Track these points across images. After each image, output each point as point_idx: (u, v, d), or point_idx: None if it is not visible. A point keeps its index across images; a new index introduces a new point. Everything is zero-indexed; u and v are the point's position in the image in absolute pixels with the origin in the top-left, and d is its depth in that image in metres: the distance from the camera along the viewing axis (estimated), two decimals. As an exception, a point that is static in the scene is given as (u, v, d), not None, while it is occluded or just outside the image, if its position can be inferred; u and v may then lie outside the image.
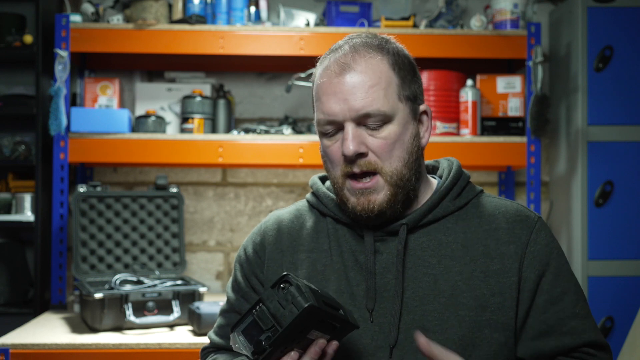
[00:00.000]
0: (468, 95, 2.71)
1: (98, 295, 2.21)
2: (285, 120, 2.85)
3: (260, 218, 3.00)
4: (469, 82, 2.72)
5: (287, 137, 2.68)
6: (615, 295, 2.70)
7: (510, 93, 2.76)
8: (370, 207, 1.20)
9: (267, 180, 3.02)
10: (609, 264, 2.71)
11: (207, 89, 2.84)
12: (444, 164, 1.34)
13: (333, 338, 1.10)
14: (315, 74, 1.26)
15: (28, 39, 2.75)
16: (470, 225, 1.25)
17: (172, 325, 2.31)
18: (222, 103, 2.78)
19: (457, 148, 2.66)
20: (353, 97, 1.18)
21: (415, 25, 2.76)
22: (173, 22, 2.71)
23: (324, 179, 1.37)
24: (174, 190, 2.68)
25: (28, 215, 2.70)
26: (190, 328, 2.30)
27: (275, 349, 1.04)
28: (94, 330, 2.24)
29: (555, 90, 2.97)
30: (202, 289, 2.36)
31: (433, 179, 1.32)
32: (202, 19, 2.69)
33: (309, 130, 2.80)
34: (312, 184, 1.36)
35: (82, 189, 2.56)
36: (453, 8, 2.82)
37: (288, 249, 1.30)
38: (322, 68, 1.24)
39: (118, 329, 2.25)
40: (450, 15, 2.81)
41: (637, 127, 2.75)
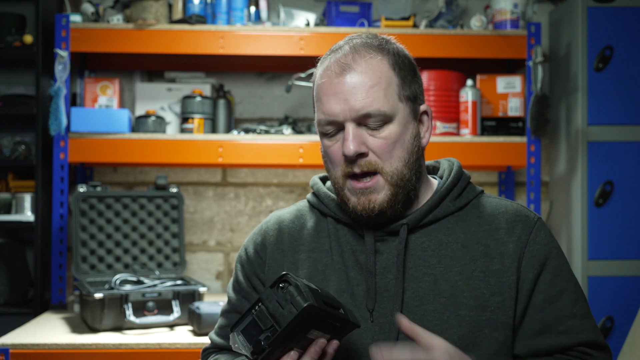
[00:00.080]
0: (468, 95, 2.71)
1: (98, 295, 2.21)
2: (285, 120, 2.85)
3: (260, 218, 3.00)
4: (469, 82, 2.72)
5: (287, 137, 2.68)
6: (615, 295, 2.70)
7: (510, 93, 2.76)
8: (371, 206, 1.20)
9: (267, 180, 3.02)
10: (609, 264, 2.71)
11: (207, 89, 2.84)
12: (445, 165, 1.34)
13: (333, 337, 1.10)
14: (316, 74, 1.26)
15: (28, 39, 2.75)
16: (471, 226, 1.25)
17: (172, 325, 2.31)
18: (222, 103, 2.78)
19: (457, 148, 2.66)
20: (353, 97, 1.18)
21: (415, 25, 2.76)
22: (173, 22, 2.71)
23: (325, 179, 1.38)
24: (174, 190, 2.68)
25: (28, 215, 2.70)
26: (190, 328, 2.30)
27: (275, 349, 1.04)
28: (94, 330, 2.24)
29: (555, 90, 2.97)
30: (202, 289, 2.36)
31: (433, 179, 1.33)
32: (202, 19, 2.69)
33: (309, 130, 2.80)
34: (312, 184, 1.36)
35: (82, 189, 2.56)
36: (453, 8, 2.82)
37: (289, 249, 1.30)
38: (322, 68, 1.24)
39: (118, 329, 2.25)
40: (450, 15, 2.81)
41: (637, 127, 2.75)
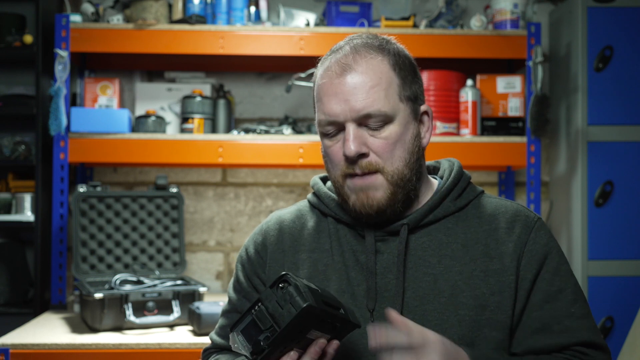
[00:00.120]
0: (468, 95, 2.70)
1: (98, 295, 2.21)
2: (285, 120, 2.85)
3: (260, 218, 3.00)
4: (469, 82, 2.72)
5: (287, 137, 2.68)
6: (615, 295, 2.70)
7: (510, 93, 2.76)
8: (370, 202, 1.20)
9: (267, 180, 3.02)
10: (609, 264, 2.71)
11: (207, 89, 2.83)
12: (445, 165, 1.34)
13: (334, 337, 1.10)
14: (316, 75, 1.26)
15: (28, 39, 2.75)
16: (471, 226, 1.25)
17: (172, 325, 2.31)
18: (222, 103, 2.78)
19: (457, 148, 2.66)
20: (354, 97, 1.18)
21: (415, 25, 2.76)
22: (173, 22, 2.71)
23: (325, 179, 1.38)
24: (174, 190, 2.68)
25: (28, 215, 2.70)
26: (190, 328, 2.30)
27: (274, 349, 1.04)
28: (94, 330, 2.24)
29: (555, 90, 2.97)
30: (202, 289, 2.36)
31: (434, 180, 1.33)
32: (202, 19, 2.69)
33: (309, 130, 2.80)
34: (313, 184, 1.36)
35: (82, 189, 2.56)
36: (453, 8, 2.82)
37: (289, 249, 1.31)
38: (323, 69, 1.24)
39: (118, 329, 2.25)
40: (450, 15, 2.81)
41: (637, 127, 2.75)
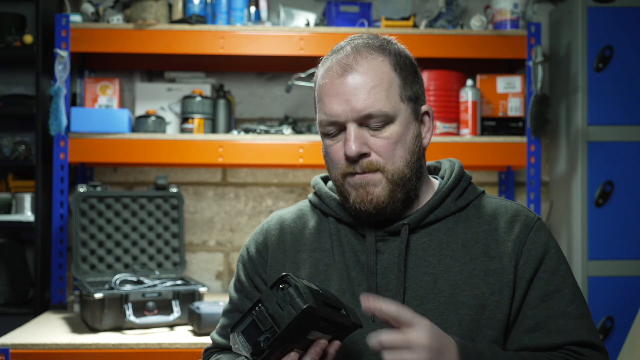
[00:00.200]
0: (468, 95, 2.70)
1: (98, 295, 2.21)
2: (285, 120, 2.85)
3: (261, 218, 3.00)
4: (469, 82, 2.72)
5: (287, 137, 2.68)
6: (615, 295, 2.70)
7: (510, 93, 2.76)
8: (369, 198, 1.20)
9: (267, 180, 3.02)
10: (609, 264, 2.71)
11: (207, 89, 2.83)
12: (446, 165, 1.34)
13: (335, 338, 1.10)
14: (317, 75, 1.26)
15: (28, 39, 2.75)
16: (471, 226, 1.26)
17: (172, 325, 2.31)
18: (222, 103, 2.78)
19: (457, 148, 2.66)
20: (355, 98, 1.18)
21: (415, 25, 2.76)
22: (173, 22, 2.71)
23: (326, 179, 1.38)
24: (174, 190, 2.68)
25: (28, 215, 2.70)
26: (190, 328, 2.29)
27: (274, 350, 1.04)
28: (94, 330, 2.23)
29: (555, 90, 2.97)
30: (202, 289, 2.36)
31: (434, 180, 1.33)
32: (202, 19, 2.69)
33: (309, 130, 2.80)
34: (314, 184, 1.36)
35: (82, 189, 2.56)
36: (453, 8, 2.82)
37: (290, 249, 1.31)
38: (324, 69, 1.24)
39: (118, 329, 2.25)
40: (450, 15, 2.81)
41: (637, 127, 2.75)
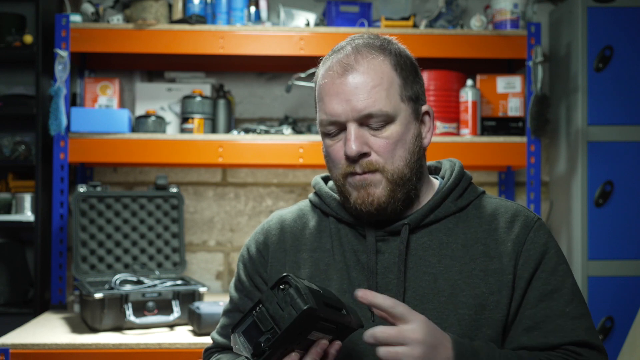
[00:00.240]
0: (468, 95, 2.70)
1: (98, 295, 2.20)
2: (285, 120, 2.85)
3: (261, 218, 3.00)
4: (469, 82, 2.72)
5: (287, 137, 2.68)
6: (615, 295, 2.70)
7: (510, 93, 2.76)
8: (370, 199, 1.20)
9: (267, 180, 3.02)
10: (609, 264, 2.71)
11: (207, 89, 2.83)
12: (446, 165, 1.34)
13: (336, 338, 1.10)
14: (318, 75, 1.26)
15: (28, 39, 2.75)
16: (471, 226, 1.26)
17: (172, 325, 2.31)
18: (222, 103, 2.78)
19: (457, 148, 2.66)
20: (355, 97, 1.18)
21: (415, 25, 2.76)
22: (173, 22, 2.71)
23: (327, 179, 1.38)
24: (174, 190, 2.68)
25: (28, 215, 2.70)
26: (190, 328, 2.29)
27: (275, 351, 1.04)
28: (94, 330, 2.23)
29: (555, 90, 2.97)
30: (202, 289, 2.36)
31: (435, 180, 1.33)
32: (202, 19, 2.69)
33: (309, 130, 2.80)
34: (314, 184, 1.36)
35: (82, 189, 2.56)
36: (453, 8, 2.82)
37: (291, 249, 1.31)
38: (324, 69, 1.24)
39: (118, 329, 2.25)
40: (450, 15, 2.81)
41: (637, 127, 2.75)
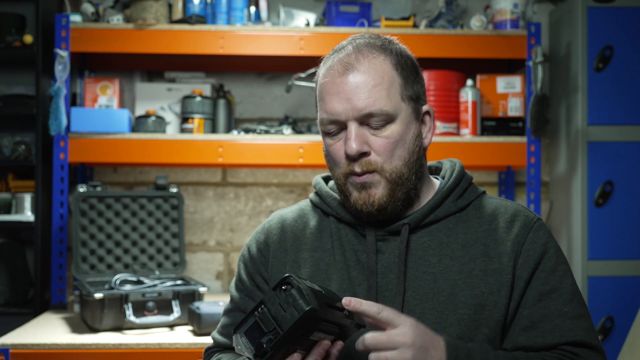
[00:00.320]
0: (468, 95, 2.71)
1: (98, 295, 2.20)
2: (285, 120, 2.85)
3: (261, 218, 3.00)
4: (469, 82, 2.72)
5: (287, 137, 2.68)
6: (615, 295, 2.70)
7: (510, 93, 2.76)
8: (371, 200, 1.21)
9: (267, 180, 3.02)
10: (609, 264, 2.71)
11: (207, 89, 2.83)
12: (447, 165, 1.34)
13: (338, 338, 1.10)
14: (319, 74, 1.26)
15: (28, 39, 2.75)
16: (471, 226, 1.26)
17: (172, 325, 2.31)
18: (222, 103, 2.78)
19: (457, 148, 2.66)
20: (356, 96, 1.19)
21: (415, 25, 2.76)
22: (173, 22, 2.71)
23: (327, 179, 1.38)
24: (174, 190, 2.68)
25: (28, 215, 2.70)
26: (190, 328, 2.29)
27: (277, 352, 1.04)
28: (94, 330, 2.23)
29: (555, 90, 2.97)
30: (202, 289, 2.36)
31: (435, 180, 1.33)
32: (202, 19, 2.69)
33: (309, 130, 2.80)
34: (315, 184, 1.37)
35: (82, 189, 2.55)
36: (453, 8, 2.82)
37: (291, 248, 1.31)
38: (325, 68, 1.24)
39: (118, 329, 2.25)
40: (450, 15, 2.81)
41: (637, 127, 2.75)
